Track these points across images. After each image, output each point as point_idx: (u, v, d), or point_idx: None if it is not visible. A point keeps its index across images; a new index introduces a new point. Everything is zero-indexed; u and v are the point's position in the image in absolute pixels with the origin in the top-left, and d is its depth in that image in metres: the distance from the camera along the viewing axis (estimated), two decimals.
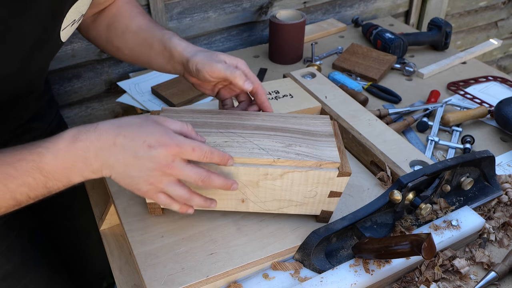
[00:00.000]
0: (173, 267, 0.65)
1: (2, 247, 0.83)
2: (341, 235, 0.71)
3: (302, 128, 0.72)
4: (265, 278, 0.68)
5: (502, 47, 2.25)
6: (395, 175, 0.81)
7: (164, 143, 0.57)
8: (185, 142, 0.58)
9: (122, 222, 0.72)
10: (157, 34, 0.80)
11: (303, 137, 0.70)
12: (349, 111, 0.96)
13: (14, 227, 0.86)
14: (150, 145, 0.57)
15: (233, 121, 0.72)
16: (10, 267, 0.85)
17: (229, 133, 0.69)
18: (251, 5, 1.51)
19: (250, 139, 0.68)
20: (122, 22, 0.83)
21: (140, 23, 0.83)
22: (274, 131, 0.71)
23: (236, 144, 0.67)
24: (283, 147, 0.67)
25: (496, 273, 0.70)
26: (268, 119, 0.73)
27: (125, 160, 0.57)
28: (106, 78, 1.40)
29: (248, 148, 0.66)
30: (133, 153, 0.57)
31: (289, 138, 0.69)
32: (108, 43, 0.86)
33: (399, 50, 1.39)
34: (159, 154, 0.57)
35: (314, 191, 0.68)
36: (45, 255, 0.95)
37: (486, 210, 0.83)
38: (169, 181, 0.60)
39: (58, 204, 1.03)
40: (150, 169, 0.57)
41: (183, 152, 0.58)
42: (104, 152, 0.57)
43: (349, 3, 1.70)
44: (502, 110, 1.05)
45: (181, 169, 0.59)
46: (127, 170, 0.58)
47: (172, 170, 0.58)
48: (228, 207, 0.71)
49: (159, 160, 0.57)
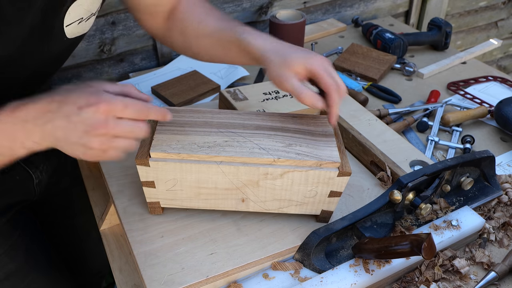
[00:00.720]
0: (173, 267, 0.65)
1: (5, 246, 0.83)
2: (341, 235, 0.71)
3: (302, 128, 0.72)
4: (265, 278, 0.68)
5: (502, 47, 2.25)
6: (395, 175, 0.81)
7: (93, 102, 0.55)
8: (116, 99, 0.56)
9: (122, 222, 0.72)
10: (228, 34, 0.77)
11: (303, 137, 0.70)
12: (349, 111, 0.96)
13: (17, 226, 0.86)
14: (79, 107, 0.55)
15: (234, 121, 0.72)
16: (13, 266, 0.85)
17: (230, 133, 0.69)
18: (251, 5, 1.51)
19: (250, 139, 0.68)
20: (192, 27, 0.81)
21: (210, 25, 0.80)
22: (274, 130, 0.71)
23: (237, 144, 0.67)
24: (283, 147, 0.67)
25: (496, 273, 0.70)
26: (268, 119, 0.73)
27: (61, 124, 0.56)
28: (106, 78, 1.40)
29: (248, 147, 0.66)
30: (65, 116, 0.55)
31: (290, 138, 0.69)
32: (186, 50, 0.85)
33: (399, 50, 1.39)
34: (89, 115, 0.55)
35: (314, 191, 0.68)
36: (47, 254, 0.96)
37: (486, 210, 0.83)
38: (110, 139, 0.57)
39: (59, 202, 1.03)
40: (85, 132, 0.56)
41: (114, 109, 0.56)
42: (40, 120, 0.56)
43: (349, 3, 1.70)
44: (502, 110, 1.05)
45: (116, 125, 0.56)
46: (66, 135, 0.56)
47: (106, 128, 0.56)
48: (228, 207, 0.71)
49: (90, 121, 0.55)
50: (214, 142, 0.67)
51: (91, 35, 1.29)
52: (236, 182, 0.67)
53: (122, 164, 0.80)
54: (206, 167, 0.65)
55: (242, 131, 0.70)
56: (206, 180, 0.67)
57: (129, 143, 0.59)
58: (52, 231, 1.05)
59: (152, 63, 1.44)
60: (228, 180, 0.66)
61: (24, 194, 0.88)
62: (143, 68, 1.43)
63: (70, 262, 1.11)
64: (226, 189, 0.68)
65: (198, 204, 0.71)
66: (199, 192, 0.68)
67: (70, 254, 1.13)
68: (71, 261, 1.12)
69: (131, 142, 0.59)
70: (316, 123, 0.74)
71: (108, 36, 1.31)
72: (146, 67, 1.44)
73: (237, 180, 0.66)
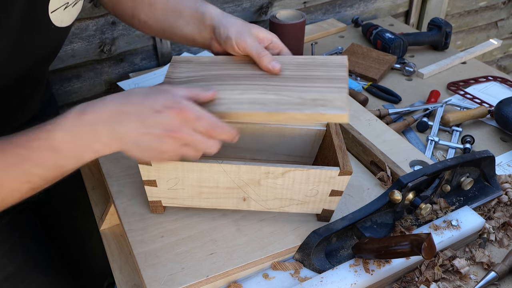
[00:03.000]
0: (173, 267, 0.65)
1: (4, 248, 0.83)
2: (341, 235, 0.71)
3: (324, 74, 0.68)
4: (265, 278, 0.68)
5: (502, 47, 2.25)
6: (395, 175, 0.81)
7: (170, 106, 0.55)
8: (192, 107, 0.56)
9: (122, 222, 0.72)
10: (189, 1, 0.79)
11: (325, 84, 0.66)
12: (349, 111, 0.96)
13: (17, 227, 0.86)
14: (157, 110, 0.55)
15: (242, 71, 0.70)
16: (12, 268, 0.85)
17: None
18: (251, 5, 1.51)
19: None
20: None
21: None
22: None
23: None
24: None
25: (496, 273, 0.70)
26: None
27: (135, 127, 0.55)
28: (106, 78, 1.40)
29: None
30: (141, 119, 0.55)
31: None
32: (134, 18, 0.83)
33: (399, 50, 1.39)
34: (166, 119, 0.55)
35: (315, 190, 0.68)
36: (47, 255, 0.95)
37: (486, 210, 0.83)
38: (183, 146, 0.57)
39: (60, 203, 1.03)
40: (160, 135, 0.55)
41: (189, 116, 0.56)
42: (113, 122, 0.55)
43: (349, 3, 1.70)
44: (502, 110, 1.05)
45: (191, 133, 0.56)
46: (138, 138, 0.56)
47: (181, 133, 0.56)
48: (230, 206, 0.71)
49: (167, 124, 0.55)
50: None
51: (91, 35, 1.29)
52: (238, 181, 0.67)
53: (122, 164, 0.80)
54: (207, 166, 0.65)
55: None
56: (207, 179, 0.67)
57: (195, 154, 0.59)
58: (54, 232, 1.05)
59: (152, 63, 1.44)
60: (230, 179, 0.66)
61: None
62: (143, 68, 1.43)
63: (72, 263, 1.11)
64: (227, 188, 0.68)
65: (199, 203, 0.71)
66: (201, 191, 0.69)
67: (72, 255, 1.13)
68: (73, 262, 1.12)
69: (198, 154, 0.59)
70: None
71: (108, 36, 1.31)
72: (146, 67, 1.44)
73: (238, 179, 0.66)
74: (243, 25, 0.72)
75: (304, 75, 0.67)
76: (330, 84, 0.65)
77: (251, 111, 0.62)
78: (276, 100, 0.63)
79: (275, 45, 0.74)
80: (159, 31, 0.83)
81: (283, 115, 0.61)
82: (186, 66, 0.71)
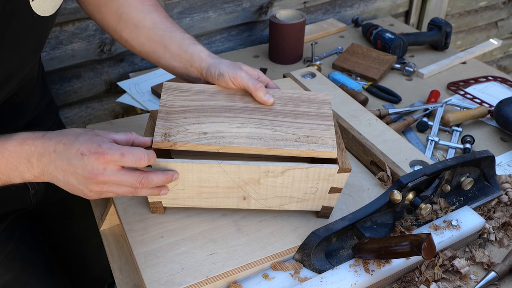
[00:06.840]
0: (173, 267, 0.65)
1: (1, 256, 0.82)
2: (341, 235, 0.71)
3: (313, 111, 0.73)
4: (265, 278, 0.68)
5: (502, 47, 2.26)
6: (395, 175, 0.81)
7: (94, 151, 0.58)
8: (114, 148, 0.59)
9: (122, 222, 0.72)
10: (176, 36, 0.79)
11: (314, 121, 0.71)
12: (349, 111, 0.96)
13: (13, 234, 0.85)
14: (82, 153, 0.58)
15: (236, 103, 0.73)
16: (9, 277, 0.84)
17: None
18: (251, 5, 1.51)
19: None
20: (134, 15, 0.80)
21: (156, 20, 0.80)
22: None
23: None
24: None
25: (496, 273, 0.70)
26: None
27: (62, 166, 0.59)
28: (106, 78, 1.40)
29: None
30: (67, 160, 0.59)
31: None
32: (116, 33, 0.83)
33: (399, 50, 1.39)
34: (89, 163, 0.58)
35: (315, 187, 0.68)
36: (45, 262, 0.94)
37: (486, 210, 0.83)
38: (109, 186, 0.61)
39: (58, 211, 1.02)
40: (85, 177, 0.59)
41: (112, 158, 0.59)
42: (45, 158, 0.60)
43: (349, 3, 1.70)
44: (502, 110, 1.05)
45: (114, 176, 0.60)
46: (66, 177, 0.60)
47: (104, 177, 0.59)
48: (230, 205, 0.71)
49: (90, 168, 0.58)
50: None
51: (91, 35, 1.29)
52: (238, 180, 0.67)
53: None
54: (207, 166, 0.65)
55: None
56: (207, 179, 0.67)
57: (126, 190, 0.62)
58: (52, 239, 1.04)
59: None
60: (230, 179, 0.67)
61: (20, 204, 0.87)
62: (143, 68, 1.43)
63: (71, 270, 1.10)
64: (227, 188, 0.68)
65: (200, 203, 0.71)
66: (201, 191, 0.69)
67: (70, 262, 1.11)
68: (72, 269, 1.11)
69: (128, 190, 0.62)
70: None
71: (108, 36, 1.31)
72: (146, 67, 1.44)
73: (238, 178, 0.66)
74: (232, 63, 0.76)
75: (294, 111, 0.72)
76: (319, 122, 0.71)
77: (251, 146, 0.66)
78: (272, 135, 0.67)
79: (262, 78, 0.77)
80: (143, 54, 0.83)
81: (280, 150, 0.66)
82: (181, 95, 0.72)
